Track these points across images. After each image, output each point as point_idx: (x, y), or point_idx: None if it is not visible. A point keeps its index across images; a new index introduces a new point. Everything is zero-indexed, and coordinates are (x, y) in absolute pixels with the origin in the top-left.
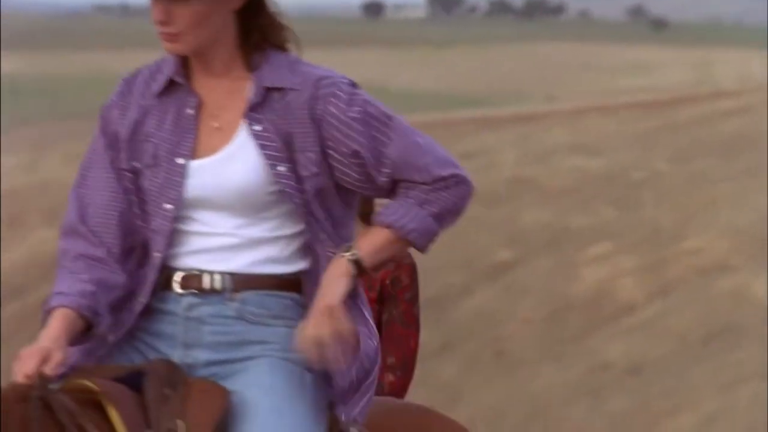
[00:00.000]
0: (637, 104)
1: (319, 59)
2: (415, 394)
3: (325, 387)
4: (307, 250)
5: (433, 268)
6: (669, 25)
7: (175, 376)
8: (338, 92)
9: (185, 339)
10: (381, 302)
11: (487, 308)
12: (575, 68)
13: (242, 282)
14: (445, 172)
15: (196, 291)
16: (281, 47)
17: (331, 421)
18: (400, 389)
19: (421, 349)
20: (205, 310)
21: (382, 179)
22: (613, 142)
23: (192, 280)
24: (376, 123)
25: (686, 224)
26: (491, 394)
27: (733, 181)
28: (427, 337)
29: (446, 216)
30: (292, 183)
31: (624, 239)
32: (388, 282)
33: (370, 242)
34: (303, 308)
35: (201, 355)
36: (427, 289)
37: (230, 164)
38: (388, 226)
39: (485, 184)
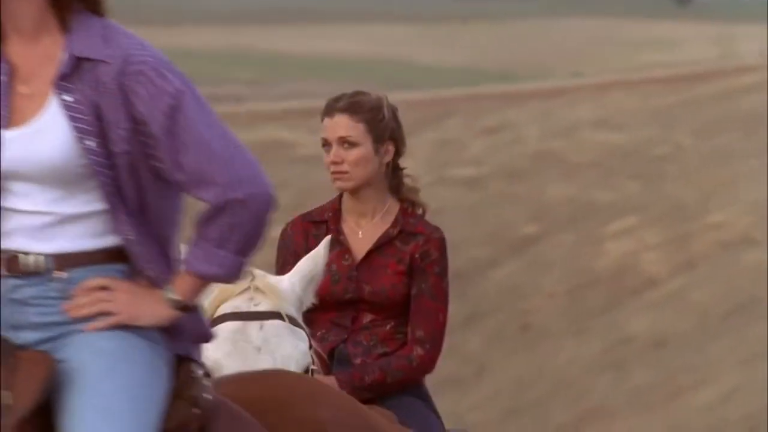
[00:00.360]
0: (660, 79)
1: (343, 34)
2: (441, 366)
3: (163, 346)
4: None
5: (459, 241)
6: (693, 0)
7: (4, 349)
8: (148, 72)
9: (11, 321)
10: (410, 276)
11: (512, 282)
12: (599, 43)
13: (64, 261)
14: (240, 194)
15: (18, 273)
16: (95, 10)
17: (183, 378)
18: (428, 362)
19: (447, 322)
20: (28, 291)
21: (178, 180)
22: (636, 117)
23: (13, 262)
24: (176, 122)
25: (709, 199)
26: (516, 366)
27: (755, 155)
28: (452, 309)
29: (248, 245)
30: (101, 159)
31: (647, 213)
32: (417, 256)
33: (184, 289)
34: (131, 277)
35: (30, 336)
36: (452, 262)
37: (40, 137)
38: (197, 275)
39: (510, 159)
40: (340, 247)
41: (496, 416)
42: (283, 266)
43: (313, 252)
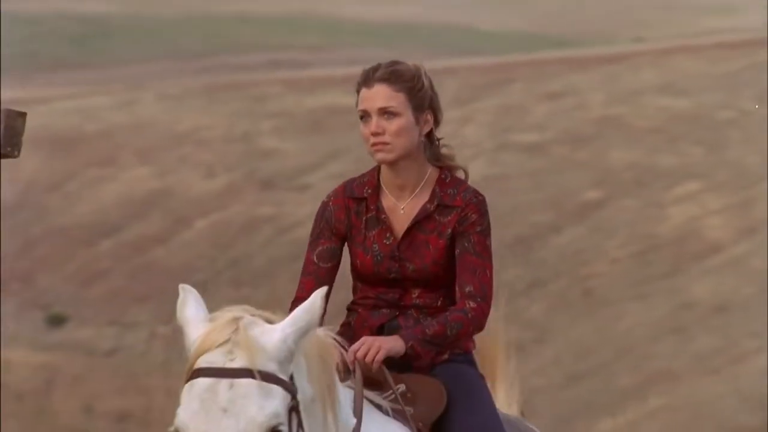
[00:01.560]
0: (724, 44)
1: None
2: (502, 332)
3: None
4: None
5: (522, 207)
6: None
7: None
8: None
9: None
10: (452, 245)
11: (575, 247)
12: (662, 9)
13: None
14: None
15: None
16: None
17: None
18: (481, 315)
19: (509, 287)
20: None
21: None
22: (699, 83)
23: None
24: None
25: None
26: (578, 331)
27: None
28: (514, 275)
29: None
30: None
31: (711, 179)
32: (456, 225)
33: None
34: None
35: None
36: (515, 227)
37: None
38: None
39: (573, 124)
40: (380, 226)
41: (559, 381)
42: (317, 238)
43: (308, 304)
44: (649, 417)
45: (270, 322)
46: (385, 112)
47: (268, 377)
